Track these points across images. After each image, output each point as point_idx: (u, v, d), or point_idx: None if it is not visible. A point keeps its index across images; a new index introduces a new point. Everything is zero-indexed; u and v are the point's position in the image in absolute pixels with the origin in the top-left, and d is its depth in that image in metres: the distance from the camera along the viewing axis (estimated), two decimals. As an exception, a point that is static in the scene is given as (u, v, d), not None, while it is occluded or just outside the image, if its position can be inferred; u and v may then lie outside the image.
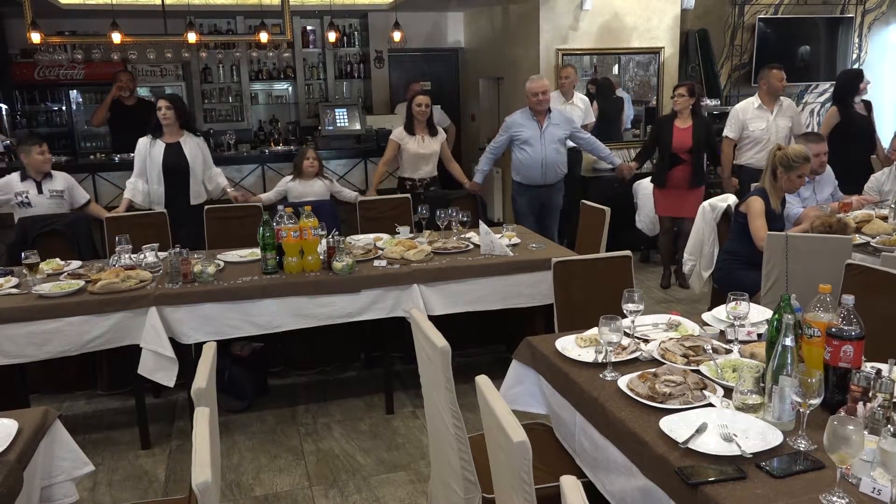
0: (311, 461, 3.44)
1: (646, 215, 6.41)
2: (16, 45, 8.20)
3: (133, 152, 6.10)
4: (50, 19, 7.49)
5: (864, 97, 6.00)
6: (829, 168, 4.78)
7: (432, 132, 5.36)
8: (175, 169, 4.93)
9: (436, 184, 5.48)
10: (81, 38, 7.68)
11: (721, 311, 2.69)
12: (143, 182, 4.99)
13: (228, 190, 5.17)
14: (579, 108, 6.55)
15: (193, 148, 4.99)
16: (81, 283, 3.48)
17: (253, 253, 3.95)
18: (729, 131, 5.83)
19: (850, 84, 5.92)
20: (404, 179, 5.46)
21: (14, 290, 3.46)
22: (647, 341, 2.54)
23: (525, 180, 5.44)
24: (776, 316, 2.05)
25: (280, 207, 3.76)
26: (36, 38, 6.37)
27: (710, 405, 2.02)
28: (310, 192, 5.08)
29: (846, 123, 5.78)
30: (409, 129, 5.33)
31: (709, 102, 7.34)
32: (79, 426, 3.75)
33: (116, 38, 6.53)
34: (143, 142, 4.98)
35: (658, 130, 5.87)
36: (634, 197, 6.59)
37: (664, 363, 2.31)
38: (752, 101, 5.80)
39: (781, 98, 5.81)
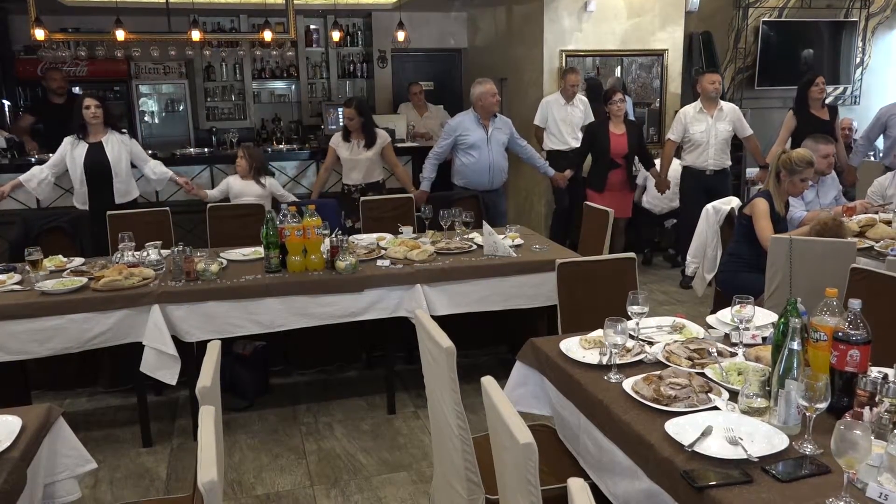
0: (312, 461, 3.44)
1: (652, 195, 6.43)
2: (19, 41, 8.20)
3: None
4: (54, 16, 7.48)
5: (829, 102, 5.99)
6: (833, 172, 4.79)
7: (369, 141, 5.31)
8: (97, 170, 4.77)
9: (374, 190, 5.36)
10: (85, 35, 7.67)
11: (725, 314, 2.68)
12: (50, 173, 4.82)
13: (177, 179, 5.12)
14: (579, 110, 6.54)
15: (116, 146, 4.83)
16: (84, 280, 3.47)
17: (256, 251, 3.94)
18: (672, 134, 5.97)
19: (802, 90, 5.95)
20: (343, 184, 5.51)
21: (17, 287, 3.45)
22: (651, 343, 2.54)
23: (470, 185, 5.38)
24: (782, 320, 2.04)
25: (284, 206, 3.76)
26: (40, 34, 6.37)
27: (716, 408, 2.02)
28: (248, 192, 5.05)
29: (803, 128, 5.75)
30: (345, 136, 5.35)
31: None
32: (80, 423, 3.74)
33: (120, 35, 6.54)
34: (68, 140, 4.81)
35: (592, 137, 5.99)
36: (636, 178, 6.53)
37: (669, 366, 2.31)
38: (695, 105, 5.91)
39: (722, 102, 5.89)
